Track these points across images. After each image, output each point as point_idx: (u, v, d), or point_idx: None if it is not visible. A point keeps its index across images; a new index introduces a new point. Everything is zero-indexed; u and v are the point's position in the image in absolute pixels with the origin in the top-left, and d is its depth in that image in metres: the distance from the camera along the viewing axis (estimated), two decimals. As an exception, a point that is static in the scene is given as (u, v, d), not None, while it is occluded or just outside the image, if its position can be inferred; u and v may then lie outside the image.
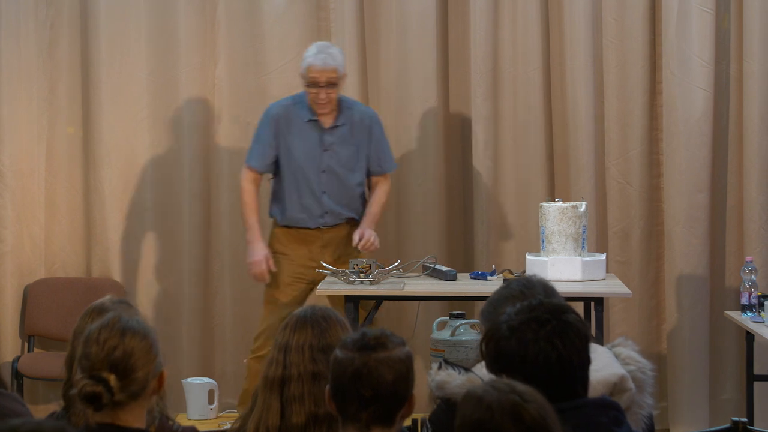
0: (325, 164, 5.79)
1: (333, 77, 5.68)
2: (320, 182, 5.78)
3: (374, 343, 2.71)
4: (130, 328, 2.81)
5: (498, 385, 2.40)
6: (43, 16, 6.36)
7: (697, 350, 6.25)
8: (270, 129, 5.80)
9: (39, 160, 6.38)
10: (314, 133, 5.78)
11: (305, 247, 5.81)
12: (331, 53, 5.73)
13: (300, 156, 5.78)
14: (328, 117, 5.78)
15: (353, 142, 5.81)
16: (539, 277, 3.56)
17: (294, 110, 5.80)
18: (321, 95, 5.68)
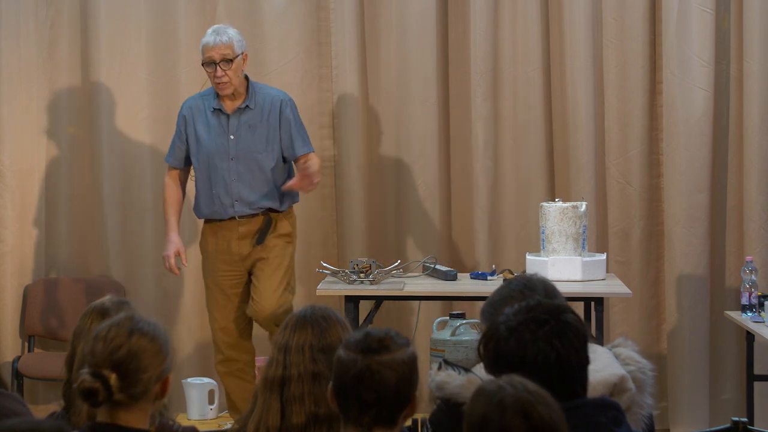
0: (233, 150, 5.61)
1: (227, 53, 5.50)
2: (230, 169, 5.60)
3: (377, 345, 2.70)
4: (139, 329, 2.79)
5: (512, 382, 2.39)
6: (43, 16, 6.36)
7: (697, 350, 6.25)
8: (180, 123, 5.71)
9: (39, 160, 6.38)
10: (219, 120, 5.63)
11: (224, 240, 5.65)
12: (224, 30, 5.59)
13: (207, 145, 5.63)
14: (234, 102, 5.63)
15: (263, 126, 5.62)
16: (540, 276, 3.56)
17: (202, 101, 5.69)
18: (217, 72, 5.50)
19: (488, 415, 2.34)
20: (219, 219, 5.64)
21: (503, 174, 6.42)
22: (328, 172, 6.49)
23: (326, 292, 5.51)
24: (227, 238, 5.63)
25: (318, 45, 6.47)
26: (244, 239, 5.62)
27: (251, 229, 5.63)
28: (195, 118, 5.66)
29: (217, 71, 5.51)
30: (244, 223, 5.62)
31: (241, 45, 5.58)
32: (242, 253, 5.61)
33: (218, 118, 5.63)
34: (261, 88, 5.70)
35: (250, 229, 5.63)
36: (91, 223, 6.42)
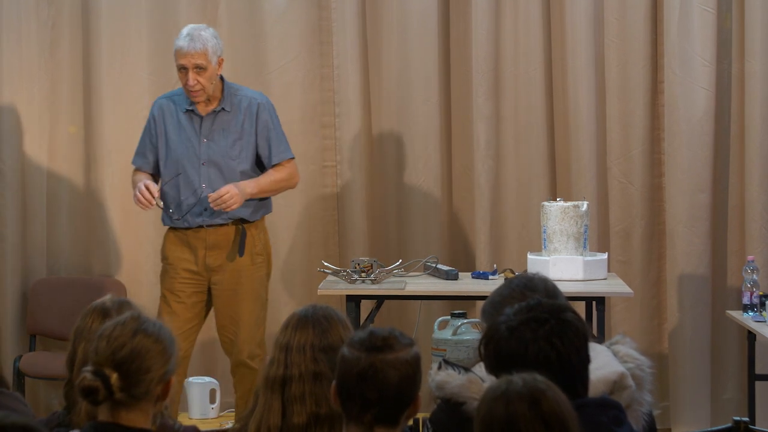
0: (204, 155, 5.37)
1: (201, 62, 5.27)
2: (200, 175, 5.36)
3: (381, 344, 2.70)
4: (144, 329, 2.78)
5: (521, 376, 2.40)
6: (45, 15, 6.36)
7: (698, 350, 6.25)
8: (150, 122, 5.48)
9: (40, 159, 6.38)
10: (191, 122, 5.39)
11: (190, 250, 5.41)
12: (200, 35, 5.31)
13: (177, 148, 5.38)
14: (209, 105, 5.39)
15: (236, 130, 5.39)
16: (540, 275, 3.56)
17: (173, 101, 5.45)
18: (190, 81, 5.28)
19: (495, 406, 2.34)
20: (186, 227, 5.40)
21: (505, 173, 6.42)
22: (329, 171, 6.50)
23: (327, 292, 5.51)
24: (194, 247, 5.41)
25: (319, 44, 6.47)
26: (213, 250, 5.39)
27: (220, 239, 5.39)
28: (165, 119, 5.43)
29: (189, 79, 5.29)
30: (213, 233, 5.39)
31: (216, 51, 5.35)
32: (210, 264, 5.38)
33: (190, 119, 5.41)
34: (237, 90, 5.47)
35: (218, 240, 5.39)
36: (92, 222, 6.42)
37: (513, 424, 2.32)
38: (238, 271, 5.42)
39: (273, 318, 6.33)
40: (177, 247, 5.43)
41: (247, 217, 5.43)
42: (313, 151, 6.49)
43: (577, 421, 2.38)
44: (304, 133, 6.47)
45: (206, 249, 5.40)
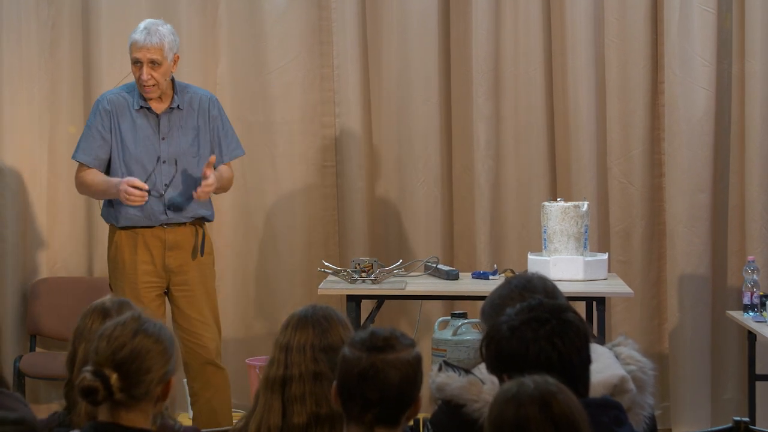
0: (164, 153, 5.24)
1: (156, 57, 5.18)
2: (161, 174, 5.24)
3: (383, 344, 2.70)
4: (144, 330, 2.78)
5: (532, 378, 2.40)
6: (45, 15, 6.36)
7: (698, 350, 6.25)
8: (102, 118, 5.27)
9: (40, 159, 6.38)
10: (147, 120, 5.26)
11: (147, 251, 5.25)
12: (157, 30, 5.23)
13: (134, 146, 5.23)
14: (162, 103, 5.28)
15: (192, 127, 5.31)
16: (540, 275, 3.56)
17: (125, 98, 5.29)
18: (143, 76, 5.16)
19: (506, 408, 2.35)
20: (142, 226, 5.25)
21: (505, 173, 6.42)
22: (329, 171, 6.50)
23: (328, 292, 5.51)
24: (151, 247, 5.26)
25: (319, 44, 6.47)
26: (173, 250, 5.27)
27: (179, 238, 5.29)
28: (118, 116, 5.26)
29: (143, 74, 5.18)
30: (171, 232, 5.27)
31: (172, 47, 5.26)
32: (169, 264, 5.27)
33: (146, 117, 5.27)
34: (186, 87, 5.38)
35: (177, 239, 5.28)
36: (92, 222, 6.41)
37: (524, 426, 2.32)
38: (198, 271, 5.34)
39: (273, 318, 6.35)
40: (134, 248, 5.27)
41: (208, 216, 5.38)
42: (313, 151, 6.49)
43: (588, 423, 2.38)
44: (304, 133, 6.47)
45: (165, 249, 5.27)
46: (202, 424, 5.32)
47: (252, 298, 6.47)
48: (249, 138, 6.34)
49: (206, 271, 5.38)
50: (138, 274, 5.25)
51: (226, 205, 6.39)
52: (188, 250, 5.32)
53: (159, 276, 5.28)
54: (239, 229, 6.44)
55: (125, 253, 5.27)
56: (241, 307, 6.47)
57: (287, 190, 6.48)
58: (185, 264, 5.30)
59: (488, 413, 2.40)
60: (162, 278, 5.30)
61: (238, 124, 6.34)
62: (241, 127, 6.34)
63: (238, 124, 6.33)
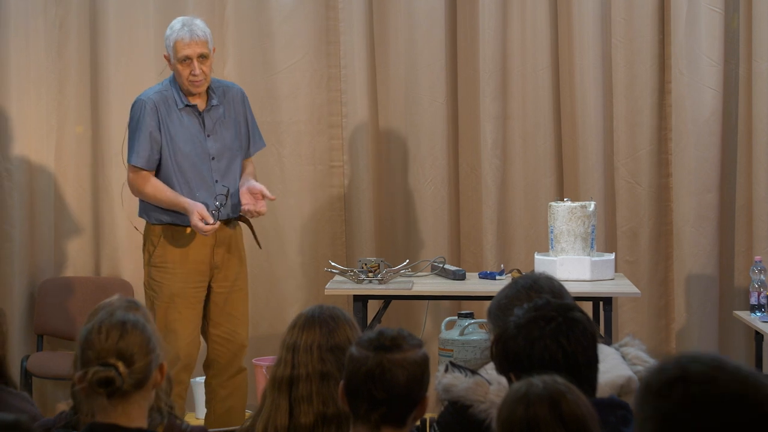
0: (213, 150, 5.31)
1: (204, 51, 5.22)
2: (211, 170, 5.29)
3: (390, 344, 2.71)
4: (129, 320, 2.82)
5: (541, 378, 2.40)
6: (53, 15, 6.37)
7: (705, 350, 6.24)
8: (152, 119, 5.26)
9: (48, 159, 6.39)
10: (193, 118, 5.29)
11: (196, 249, 5.28)
12: (197, 25, 5.29)
13: (186, 145, 5.27)
14: (201, 99, 5.32)
15: (232, 121, 5.38)
16: (546, 275, 3.56)
17: (164, 97, 5.29)
18: (195, 70, 5.20)
19: (515, 408, 2.35)
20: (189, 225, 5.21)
21: (512, 173, 6.42)
22: (337, 171, 6.50)
23: (334, 292, 5.51)
24: (201, 245, 5.28)
25: (327, 44, 6.48)
26: (221, 246, 5.33)
27: (227, 234, 5.34)
28: (165, 116, 5.29)
29: (195, 68, 5.20)
30: (221, 229, 5.29)
31: (212, 39, 5.34)
32: (215, 261, 5.31)
33: (191, 115, 5.30)
34: (218, 82, 5.43)
35: (224, 236, 5.33)
36: (99, 222, 6.42)
37: (533, 426, 2.33)
38: (240, 268, 5.41)
39: (280, 318, 6.35)
40: (183, 246, 5.30)
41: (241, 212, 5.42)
42: (321, 151, 6.49)
43: (597, 422, 2.38)
44: (312, 133, 6.48)
45: (213, 246, 5.31)
46: (214, 422, 5.35)
47: (259, 298, 6.47)
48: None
49: (244, 268, 5.45)
50: (189, 273, 5.29)
51: (233, 204, 6.40)
52: (233, 245, 5.37)
53: (206, 275, 5.33)
54: (246, 228, 6.44)
55: (175, 252, 5.29)
56: (250, 306, 6.46)
57: (294, 189, 6.48)
58: (229, 260, 5.35)
59: (498, 413, 2.40)
60: (208, 277, 5.34)
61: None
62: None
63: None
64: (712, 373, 1.91)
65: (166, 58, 5.33)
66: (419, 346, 2.75)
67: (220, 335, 5.39)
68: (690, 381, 1.91)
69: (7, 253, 6.28)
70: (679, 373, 1.92)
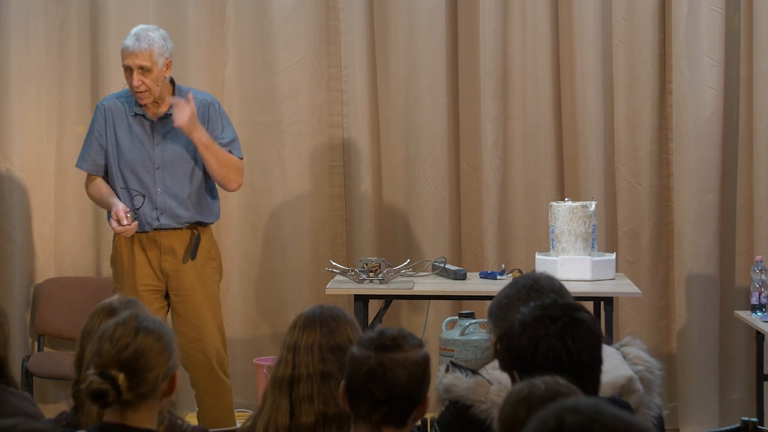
0: (159, 160, 5.23)
1: (145, 63, 5.11)
2: (155, 179, 5.22)
3: (391, 344, 2.71)
4: (145, 327, 2.78)
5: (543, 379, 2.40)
6: (53, 16, 6.37)
7: (706, 350, 6.24)
8: (100, 125, 5.26)
9: (48, 159, 6.39)
10: (143, 126, 5.24)
11: (144, 255, 5.25)
12: (147, 35, 5.16)
13: (130, 153, 5.22)
14: (159, 108, 5.23)
15: None
16: (547, 275, 3.56)
17: (122, 104, 5.27)
18: (134, 82, 5.11)
19: (517, 409, 2.35)
20: (138, 231, 5.22)
21: (512, 173, 6.42)
22: (337, 171, 6.50)
23: (335, 291, 5.51)
24: (148, 250, 5.26)
25: (327, 45, 6.48)
26: (168, 254, 5.27)
27: (174, 243, 5.28)
28: (114, 122, 5.26)
29: (134, 80, 5.13)
30: (167, 236, 5.26)
31: (163, 53, 5.19)
32: (165, 269, 5.26)
33: (141, 124, 5.25)
34: (187, 92, 5.27)
35: (172, 244, 5.28)
36: (100, 222, 6.42)
37: None
38: (196, 275, 5.31)
39: (280, 318, 6.35)
40: (131, 251, 5.27)
41: (203, 220, 5.34)
42: (321, 151, 6.49)
43: None
44: (312, 133, 6.48)
45: (161, 253, 5.27)
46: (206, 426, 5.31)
47: (259, 298, 6.47)
48: (256, 138, 6.35)
49: (206, 276, 5.34)
50: (137, 277, 5.26)
51: (234, 205, 6.40)
52: (186, 254, 5.30)
53: (158, 279, 5.28)
54: (246, 229, 6.44)
55: (124, 256, 5.30)
56: (249, 307, 6.47)
57: (295, 190, 6.48)
58: (181, 268, 5.28)
59: (499, 414, 2.40)
60: (161, 281, 5.29)
61: (246, 124, 6.36)
62: (248, 127, 6.36)
63: (245, 124, 6.35)
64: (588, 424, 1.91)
65: None
66: (420, 346, 2.75)
67: (186, 344, 5.23)
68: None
69: (7, 253, 6.28)
70: (556, 425, 1.92)
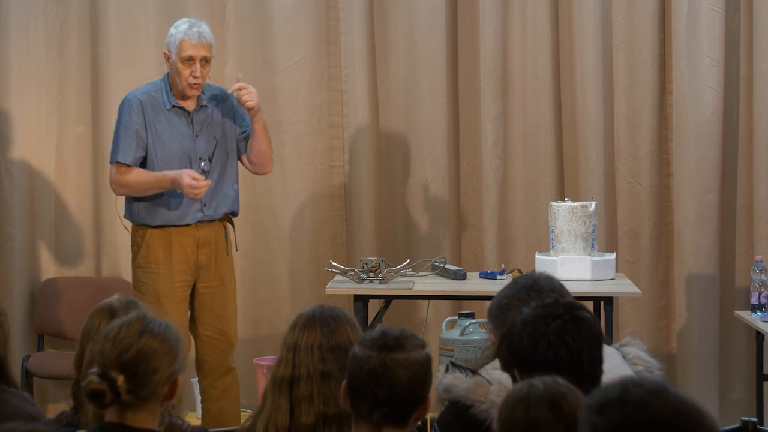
0: (200, 151, 5.29)
1: (208, 55, 5.22)
2: (199, 170, 5.24)
3: (393, 343, 2.72)
4: (150, 330, 2.77)
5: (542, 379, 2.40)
6: (53, 15, 6.37)
7: (706, 350, 6.24)
8: (138, 117, 5.24)
9: (48, 159, 6.39)
10: (181, 119, 5.27)
11: (182, 249, 5.26)
12: (204, 29, 5.27)
13: (170, 145, 5.24)
14: (191, 101, 5.31)
15: (219, 122, 5.34)
16: (546, 275, 3.56)
17: (152, 97, 5.27)
18: (197, 72, 5.20)
19: (516, 409, 2.35)
20: (173, 225, 5.26)
21: (512, 173, 6.42)
22: (337, 171, 6.50)
23: (335, 291, 5.51)
24: (185, 245, 5.27)
25: (327, 45, 6.48)
26: (204, 246, 5.29)
27: (209, 235, 5.30)
28: (152, 115, 5.26)
29: (196, 70, 5.21)
30: (204, 228, 5.28)
31: (214, 45, 5.35)
32: (200, 261, 5.28)
33: (179, 116, 5.28)
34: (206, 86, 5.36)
35: (208, 235, 5.30)
36: (100, 222, 6.43)
37: (534, 427, 2.33)
38: (227, 267, 5.39)
39: (280, 318, 6.35)
40: (168, 247, 5.27)
41: (236, 210, 5.41)
42: (321, 151, 6.50)
43: None
44: (312, 133, 6.48)
45: (198, 246, 5.29)
46: (209, 423, 5.34)
47: (260, 298, 6.47)
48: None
49: (233, 269, 5.43)
50: (174, 273, 5.26)
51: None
52: (218, 246, 5.34)
53: (191, 274, 5.31)
54: (247, 228, 6.44)
55: (159, 252, 5.27)
56: (249, 306, 6.47)
57: (295, 190, 6.48)
58: (217, 260, 5.33)
59: (498, 414, 2.41)
60: (193, 276, 5.32)
61: (246, 124, 6.36)
62: (248, 127, 6.35)
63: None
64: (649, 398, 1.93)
65: (166, 56, 5.31)
66: (422, 346, 2.76)
67: (210, 335, 5.37)
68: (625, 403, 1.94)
69: (7, 253, 6.28)
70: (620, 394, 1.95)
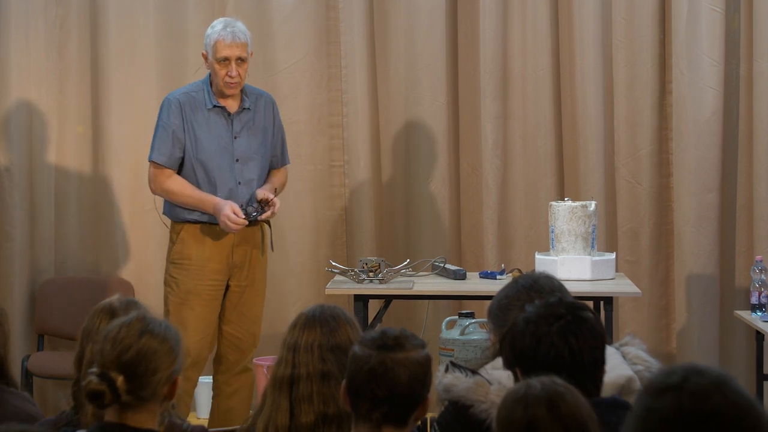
0: (238, 152, 5.30)
1: (243, 54, 5.24)
2: (234, 172, 5.28)
3: (393, 343, 2.72)
4: (150, 330, 2.77)
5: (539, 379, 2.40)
6: (53, 15, 6.37)
7: (706, 350, 6.24)
8: (177, 117, 5.27)
9: (49, 159, 6.38)
10: (221, 119, 5.30)
11: (216, 247, 5.28)
12: (239, 28, 5.30)
13: (211, 145, 5.27)
14: (233, 102, 5.33)
15: (261, 128, 5.37)
16: (546, 274, 3.56)
17: (193, 97, 5.31)
18: (232, 72, 5.22)
19: (514, 409, 2.35)
20: (211, 223, 5.26)
21: (512, 173, 6.42)
22: (337, 171, 6.50)
23: (335, 291, 5.51)
24: (221, 243, 5.29)
25: (327, 45, 6.48)
26: (239, 246, 5.31)
27: (246, 235, 5.31)
28: (191, 115, 5.29)
29: (232, 70, 5.23)
30: (242, 229, 5.25)
31: (251, 44, 5.37)
32: (235, 260, 5.31)
33: (219, 116, 5.31)
34: (250, 88, 5.42)
35: (245, 235, 5.31)
36: (100, 222, 6.43)
37: (532, 427, 2.33)
38: (260, 268, 5.42)
39: (280, 318, 6.35)
40: (202, 244, 5.29)
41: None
42: (321, 151, 6.50)
43: (596, 423, 2.38)
44: (312, 133, 6.48)
45: (233, 246, 5.30)
46: (216, 419, 5.36)
47: (260, 298, 6.47)
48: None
49: (265, 271, 5.45)
50: (206, 273, 5.28)
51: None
52: (253, 245, 5.35)
53: (225, 274, 5.32)
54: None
55: (192, 249, 5.29)
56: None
57: (295, 190, 6.47)
58: (252, 260, 5.35)
59: (497, 414, 2.41)
60: (226, 276, 5.34)
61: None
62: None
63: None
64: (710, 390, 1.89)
65: (204, 56, 5.35)
66: (422, 346, 2.76)
67: (231, 332, 5.41)
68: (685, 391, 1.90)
69: (7, 253, 6.28)
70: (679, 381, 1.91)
